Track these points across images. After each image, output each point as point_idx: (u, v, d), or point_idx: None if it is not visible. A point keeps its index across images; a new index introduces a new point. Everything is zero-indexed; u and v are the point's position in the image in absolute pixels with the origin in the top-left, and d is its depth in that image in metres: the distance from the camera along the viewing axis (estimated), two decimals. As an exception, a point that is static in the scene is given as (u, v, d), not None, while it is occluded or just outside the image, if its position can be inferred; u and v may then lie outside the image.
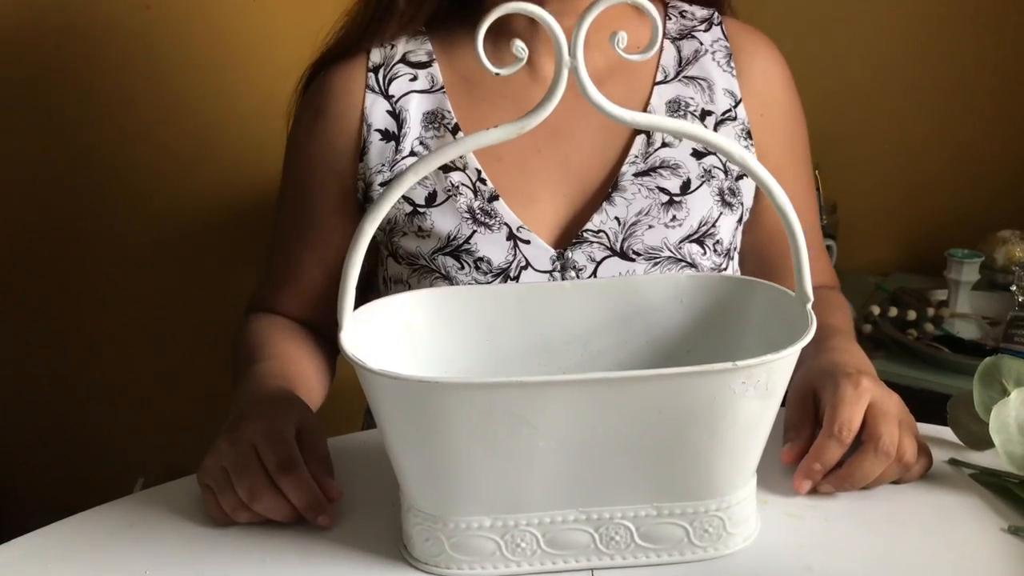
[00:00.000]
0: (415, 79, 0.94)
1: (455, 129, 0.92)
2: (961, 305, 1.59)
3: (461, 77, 0.94)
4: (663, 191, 0.90)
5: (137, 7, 1.56)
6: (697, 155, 0.92)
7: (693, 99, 0.93)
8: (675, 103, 0.93)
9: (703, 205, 0.90)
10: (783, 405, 0.76)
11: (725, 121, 0.93)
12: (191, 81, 1.62)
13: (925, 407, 0.81)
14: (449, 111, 0.92)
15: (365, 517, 0.74)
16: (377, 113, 0.93)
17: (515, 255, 0.89)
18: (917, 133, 1.85)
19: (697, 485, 0.65)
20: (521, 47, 0.59)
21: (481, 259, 0.89)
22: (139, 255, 1.69)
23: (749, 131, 0.94)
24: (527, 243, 0.89)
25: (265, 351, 0.91)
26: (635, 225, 0.89)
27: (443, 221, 0.89)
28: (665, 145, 0.91)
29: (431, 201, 0.90)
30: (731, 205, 0.92)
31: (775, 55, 0.98)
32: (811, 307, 0.66)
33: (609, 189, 0.90)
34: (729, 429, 0.62)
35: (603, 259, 0.89)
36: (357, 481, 0.78)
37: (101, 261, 1.68)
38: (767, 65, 0.96)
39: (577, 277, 0.89)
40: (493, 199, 0.90)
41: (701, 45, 0.95)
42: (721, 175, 0.92)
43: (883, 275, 1.83)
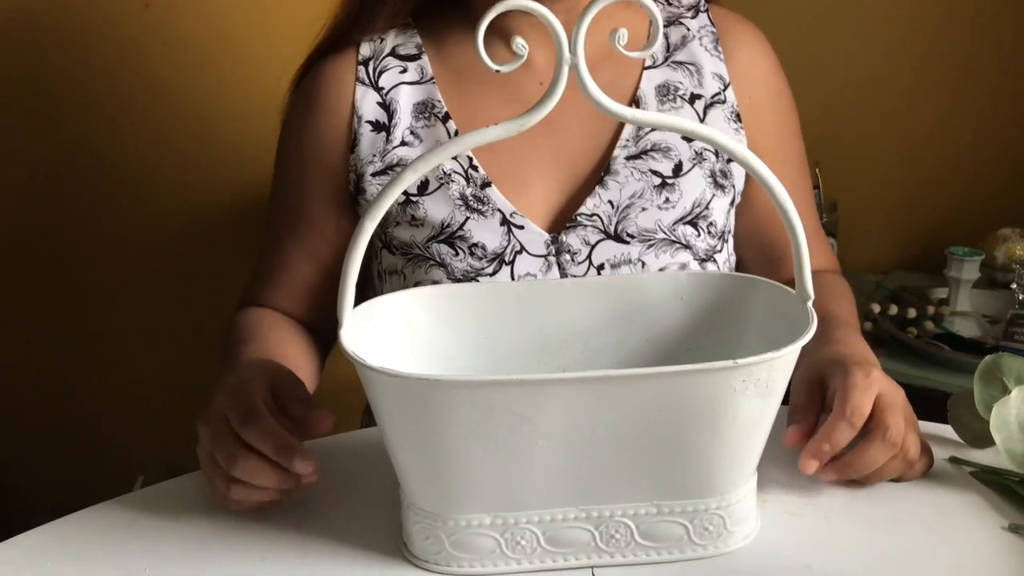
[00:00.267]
0: (405, 71, 0.95)
1: (446, 117, 0.93)
2: (961, 303, 1.59)
3: (450, 68, 0.95)
4: (655, 174, 0.91)
5: (136, 6, 1.57)
6: (688, 138, 0.92)
7: (682, 83, 0.94)
8: (664, 88, 0.94)
9: (696, 187, 0.91)
10: (784, 403, 0.75)
11: (714, 104, 0.94)
12: (190, 80, 1.62)
13: (926, 405, 0.81)
14: (439, 100, 0.93)
15: (365, 515, 0.74)
16: (367, 105, 0.93)
17: (509, 240, 0.89)
18: (917, 132, 1.85)
19: (697, 483, 0.65)
20: (522, 44, 0.59)
21: (475, 245, 0.89)
22: (139, 255, 1.69)
23: (739, 114, 0.95)
24: (521, 228, 0.90)
25: (251, 337, 0.91)
26: (628, 208, 0.90)
27: (436, 209, 0.90)
28: (656, 128, 0.91)
29: (423, 189, 0.91)
30: (723, 187, 0.93)
31: (761, 40, 0.99)
32: (812, 304, 0.66)
33: (602, 173, 0.91)
34: (729, 427, 0.62)
35: (597, 242, 0.90)
36: (357, 479, 0.78)
37: (101, 261, 1.68)
38: (754, 49, 0.98)
39: (572, 261, 0.90)
40: (485, 186, 0.90)
41: (688, 31, 0.97)
42: (713, 157, 0.93)
43: (883, 273, 1.83)
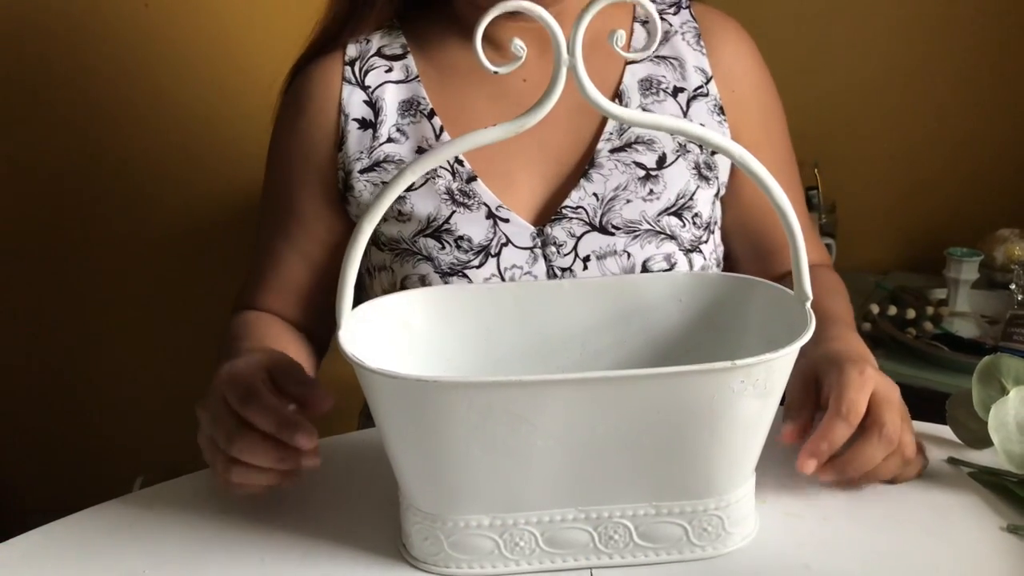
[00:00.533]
0: (390, 70, 0.96)
1: (431, 114, 0.94)
2: (960, 304, 1.59)
3: (435, 66, 0.96)
4: (639, 166, 0.92)
5: (136, 5, 1.57)
6: None
7: (665, 77, 0.96)
8: (647, 81, 0.95)
9: (680, 179, 0.92)
10: (782, 403, 0.75)
11: (697, 97, 0.95)
12: (190, 79, 1.62)
13: (924, 406, 0.81)
14: (424, 98, 0.95)
15: (364, 516, 0.74)
16: (354, 103, 0.95)
17: (495, 233, 0.90)
18: (916, 132, 1.85)
19: (696, 484, 0.65)
20: (520, 46, 0.59)
21: (461, 238, 0.90)
22: (139, 254, 1.69)
23: (722, 107, 0.96)
24: (506, 221, 0.91)
25: (246, 334, 0.91)
26: (613, 200, 0.91)
27: (423, 204, 0.91)
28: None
29: (410, 186, 0.91)
30: (707, 179, 0.94)
31: (743, 36, 1.00)
32: (810, 306, 0.66)
33: (586, 166, 0.92)
34: (728, 428, 0.62)
35: (583, 234, 0.91)
36: (356, 480, 0.78)
37: (101, 261, 1.68)
38: (736, 46, 0.99)
39: (558, 253, 0.91)
40: (471, 180, 0.92)
41: (671, 27, 0.98)
42: (697, 149, 0.94)
43: (882, 273, 1.83)
